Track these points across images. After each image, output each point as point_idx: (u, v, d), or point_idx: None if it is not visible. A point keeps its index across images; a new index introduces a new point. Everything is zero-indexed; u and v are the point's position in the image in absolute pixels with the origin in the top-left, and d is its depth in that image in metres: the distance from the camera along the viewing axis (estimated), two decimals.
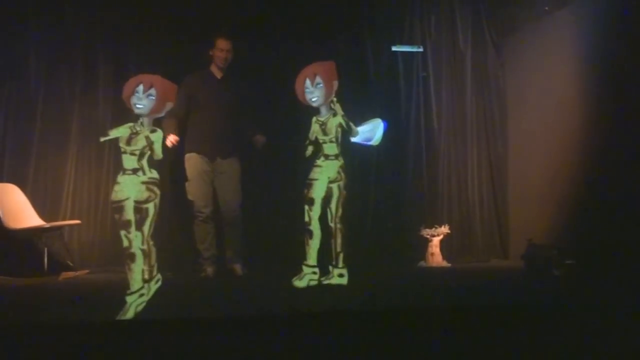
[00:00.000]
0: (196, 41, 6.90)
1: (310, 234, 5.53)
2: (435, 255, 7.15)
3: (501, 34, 7.80)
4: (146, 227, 4.69)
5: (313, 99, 5.56)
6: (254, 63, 7.09)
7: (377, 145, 5.98)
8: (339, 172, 5.55)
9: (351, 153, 6.80)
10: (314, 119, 5.65)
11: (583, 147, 6.39)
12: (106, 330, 4.17)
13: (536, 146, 7.16)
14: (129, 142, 4.69)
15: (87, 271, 6.74)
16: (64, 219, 6.85)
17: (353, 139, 5.81)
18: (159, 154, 4.77)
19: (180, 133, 6.26)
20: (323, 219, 5.60)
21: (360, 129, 5.78)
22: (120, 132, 4.73)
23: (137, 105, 4.81)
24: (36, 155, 6.93)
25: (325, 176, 5.53)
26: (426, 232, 7.19)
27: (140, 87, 4.81)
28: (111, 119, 7.00)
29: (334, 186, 5.55)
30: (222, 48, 6.49)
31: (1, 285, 6.15)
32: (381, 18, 7.68)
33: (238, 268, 6.47)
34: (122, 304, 4.57)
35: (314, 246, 5.54)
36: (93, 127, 7.02)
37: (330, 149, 5.56)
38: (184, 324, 4.38)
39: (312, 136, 5.67)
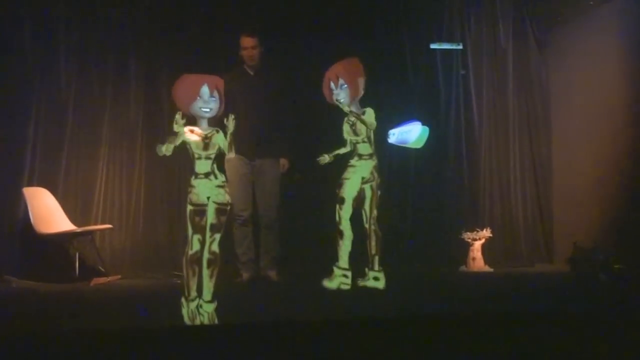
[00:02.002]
0: (229, 39, 6.89)
1: (340, 234, 5.55)
2: (476, 259, 7.09)
3: (544, 30, 7.71)
4: (222, 231, 4.73)
5: (340, 100, 5.57)
6: (286, 59, 7.09)
7: (419, 148, 5.97)
8: (372, 172, 5.57)
9: (389, 154, 6.93)
10: (345, 119, 5.66)
11: (630, 146, 6.29)
12: (137, 337, 4.17)
13: (581, 145, 7.09)
14: (205, 147, 4.72)
15: (118, 277, 6.78)
16: (95, 224, 6.88)
17: (390, 140, 5.85)
18: (232, 152, 4.84)
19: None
20: (357, 220, 5.61)
21: (397, 130, 5.80)
22: (187, 138, 4.70)
23: (204, 109, 4.79)
24: (67, 159, 6.97)
25: (358, 176, 5.55)
26: (467, 236, 7.13)
27: (206, 90, 4.80)
28: (142, 121, 7.09)
29: (367, 187, 5.57)
30: (245, 46, 6.48)
31: (32, 290, 6.19)
32: (419, 14, 7.66)
33: (274, 274, 6.47)
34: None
35: (345, 247, 5.56)
36: (124, 129, 7.08)
37: (364, 148, 5.59)
38: (216, 329, 4.40)
39: (345, 136, 5.71)
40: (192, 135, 4.69)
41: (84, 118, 7.06)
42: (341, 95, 5.56)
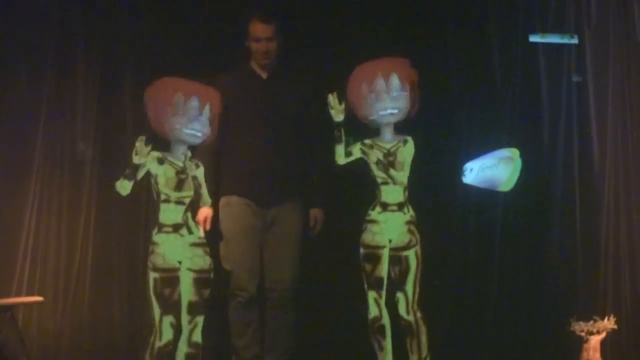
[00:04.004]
0: (228, 24, 6.83)
1: (382, 332, 5.46)
2: None
3: None
4: (204, 312, 4.89)
5: (385, 112, 5.57)
6: (315, 57, 7.06)
7: (507, 191, 5.95)
8: (411, 232, 5.50)
9: (464, 198, 6.82)
10: (369, 142, 5.62)
11: None
12: None
13: None
14: (178, 186, 4.65)
15: None
16: (17, 295, 6.71)
17: (467, 180, 5.86)
18: (207, 200, 5.03)
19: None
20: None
21: (478, 163, 5.82)
22: (153, 169, 4.64)
23: (190, 132, 4.80)
24: None
25: (385, 238, 5.49)
26: (579, 328, 6.65)
27: (195, 105, 4.90)
28: (94, 144, 6.96)
29: (410, 255, 5.49)
30: (258, 36, 6.31)
31: None
32: None
33: None
34: None
35: (389, 348, 5.52)
36: (66, 156, 6.94)
37: (394, 194, 5.51)
38: None
39: (348, 158, 5.73)
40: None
41: (5, 138, 6.90)
42: (393, 104, 5.41)
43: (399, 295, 5.42)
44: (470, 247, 7.08)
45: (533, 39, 7.27)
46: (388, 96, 5.42)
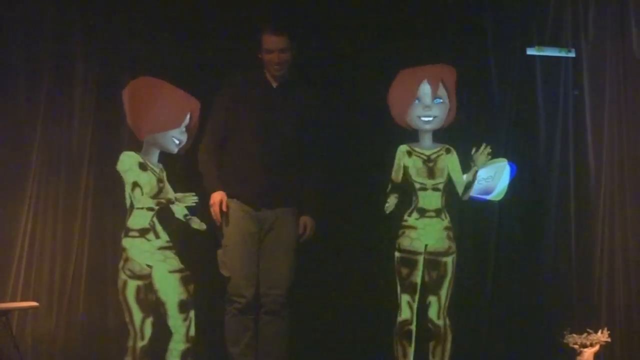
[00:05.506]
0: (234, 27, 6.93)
1: (409, 337, 5.50)
2: None
3: None
4: (194, 305, 4.96)
5: (426, 118, 5.57)
6: (328, 69, 7.14)
7: (499, 200, 5.99)
8: (449, 238, 5.54)
9: (457, 209, 6.65)
10: (406, 148, 5.61)
11: None
12: None
13: None
14: (157, 194, 4.94)
15: None
16: (12, 300, 6.60)
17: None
18: (181, 210, 5.13)
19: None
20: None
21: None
22: (135, 175, 4.78)
23: (178, 140, 5.06)
24: None
25: (422, 244, 5.50)
26: (573, 340, 6.63)
27: (187, 118, 5.04)
28: (90, 146, 6.90)
29: (448, 261, 5.54)
30: (270, 47, 6.24)
31: None
32: (511, 7, 7.39)
33: None
34: None
35: (412, 355, 5.57)
36: (62, 159, 6.85)
37: (432, 200, 5.53)
38: None
39: (398, 176, 5.65)
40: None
41: (2, 142, 6.77)
42: (434, 111, 5.64)
43: (432, 299, 5.47)
44: (464, 259, 6.75)
45: (530, 51, 7.24)
46: (428, 103, 5.46)
